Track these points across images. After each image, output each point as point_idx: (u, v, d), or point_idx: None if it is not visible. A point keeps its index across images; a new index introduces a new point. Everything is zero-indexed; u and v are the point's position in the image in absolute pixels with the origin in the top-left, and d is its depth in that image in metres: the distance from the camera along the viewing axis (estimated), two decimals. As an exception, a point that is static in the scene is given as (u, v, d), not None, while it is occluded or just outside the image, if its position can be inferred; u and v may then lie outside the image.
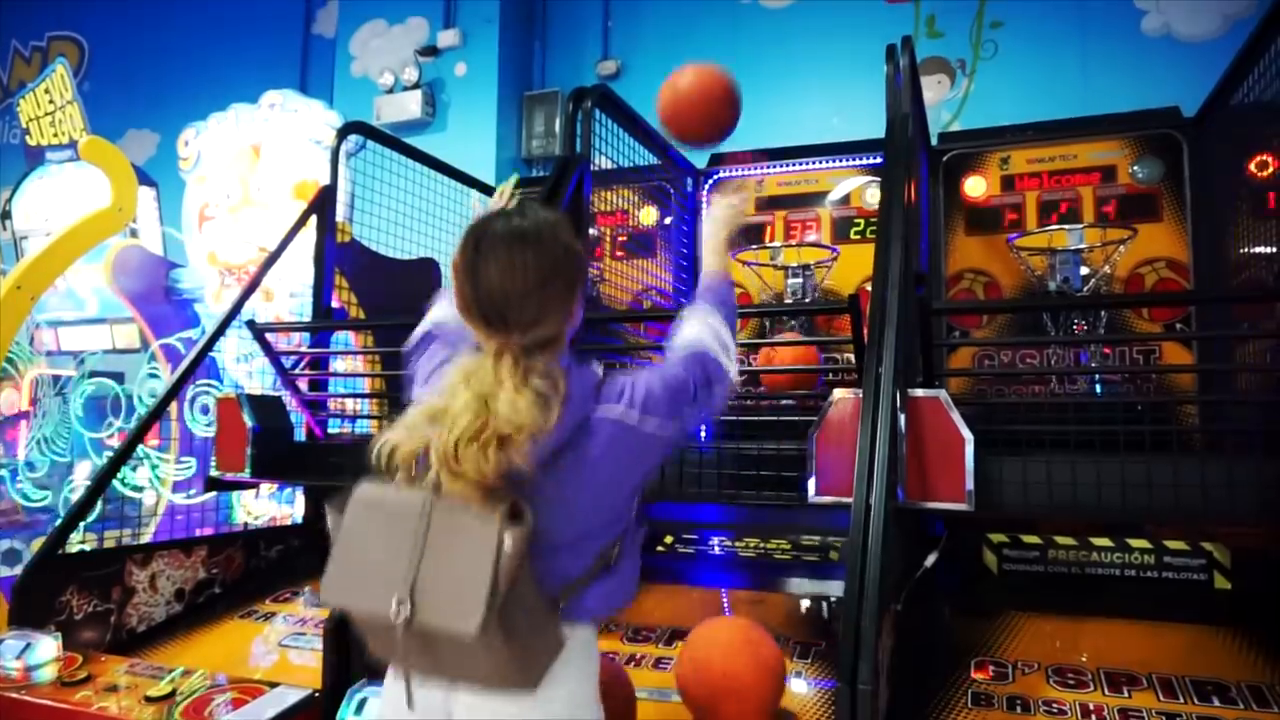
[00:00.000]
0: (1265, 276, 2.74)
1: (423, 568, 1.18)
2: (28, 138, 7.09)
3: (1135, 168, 3.33)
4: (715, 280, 1.62)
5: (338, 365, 3.79)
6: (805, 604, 2.58)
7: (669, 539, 3.16)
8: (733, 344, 1.51)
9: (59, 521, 2.72)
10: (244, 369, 4.65)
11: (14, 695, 2.12)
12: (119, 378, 5.68)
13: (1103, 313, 3.03)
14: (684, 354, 1.46)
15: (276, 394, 3.37)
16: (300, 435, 3.36)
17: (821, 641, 2.35)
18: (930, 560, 2.33)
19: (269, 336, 3.16)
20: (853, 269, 3.61)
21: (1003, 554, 2.73)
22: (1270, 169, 2.84)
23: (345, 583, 1.27)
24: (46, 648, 2.27)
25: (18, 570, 4.01)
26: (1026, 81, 4.29)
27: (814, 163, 3.89)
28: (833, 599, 2.55)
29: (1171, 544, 2.57)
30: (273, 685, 2.11)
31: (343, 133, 3.69)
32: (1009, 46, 4.38)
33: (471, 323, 1.30)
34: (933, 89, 4.41)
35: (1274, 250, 2.71)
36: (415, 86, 5.11)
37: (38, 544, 3.10)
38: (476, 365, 1.27)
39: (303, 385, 3.33)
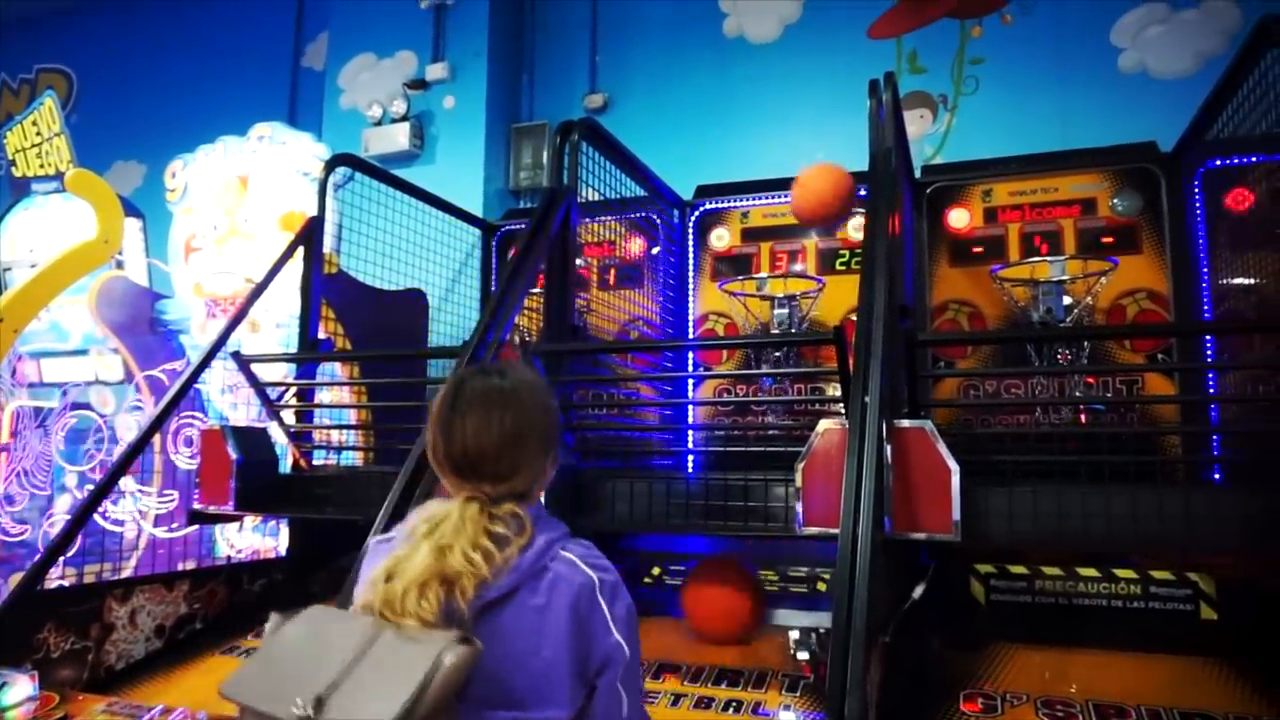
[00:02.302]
0: (1244, 308, 2.78)
1: (346, 680, 1.12)
2: (13, 169, 7.08)
3: (1115, 200, 3.38)
4: None
5: (324, 396, 3.78)
6: (793, 636, 2.56)
7: (656, 570, 3.14)
8: None
9: (37, 557, 2.68)
10: (229, 400, 4.62)
11: (-12, 735, 2.08)
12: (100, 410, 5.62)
13: (1085, 343, 3.07)
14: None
15: (261, 425, 3.35)
16: (285, 467, 3.33)
17: (810, 674, 2.34)
18: (918, 591, 2.32)
19: (255, 368, 3.15)
20: (838, 300, 3.64)
21: (990, 585, 2.74)
22: (1246, 203, 2.90)
23: (254, 680, 1.20)
24: (22, 687, 2.22)
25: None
26: (1007, 116, 4.36)
27: (799, 195, 3.92)
28: (821, 630, 2.53)
29: (1158, 574, 2.58)
30: (254, 723, 2.07)
31: (331, 165, 3.71)
32: (990, 82, 4.46)
33: (443, 474, 1.32)
34: (915, 123, 4.48)
35: (1252, 282, 2.75)
36: (403, 119, 5.14)
37: (16, 579, 3.05)
38: (443, 514, 1.27)
39: (288, 417, 3.32)
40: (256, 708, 1.16)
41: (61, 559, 2.70)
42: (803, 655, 2.43)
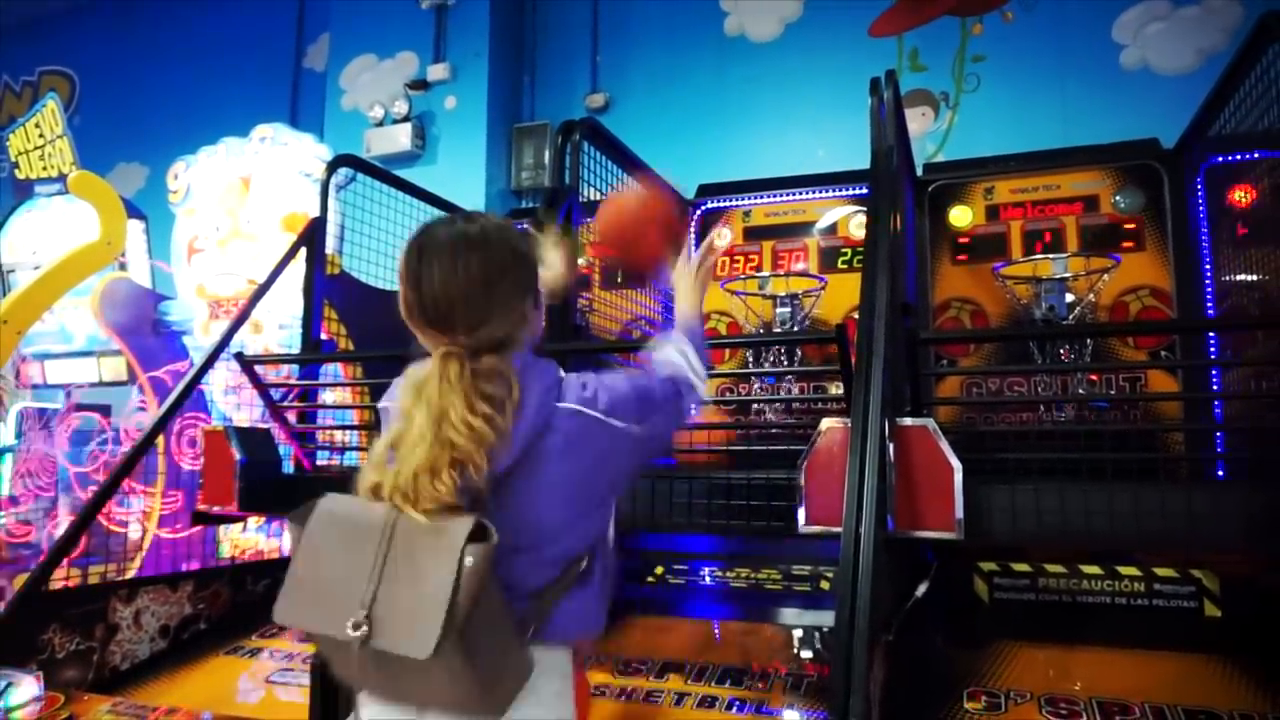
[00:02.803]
0: (1246, 304, 2.78)
1: (382, 588, 1.13)
2: (16, 171, 7.10)
3: (1117, 198, 3.38)
4: (689, 320, 1.63)
5: (326, 397, 3.78)
6: (797, 634, 2.56)
7: (659, 570, 3.14)
8: (700, 364, 1.51)
9: (42, 558, 2.69)
10: (232, 401, 4.63)
11: (-6, 736, 2.09)
12: (105, 410, 5.64)
13: (1088, 341, 3.06)
14: (653, 368, 1.48)
15: (265, 426, 3.35)
16: (289, 467, 3.34)
17: (813, 673, 2.34)
18: (921, 590, 2.32)
19: (258, 368, 3.15)
20: (840, 298, 3.64)
21: (994, 582, 2.73)
22: (1249, 199, 2.90)
23: (300, 601, 1.21)
24: (28, 687, 2.23)
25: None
26: (1008, 114, 4.36)
27: (801, 193, 3.93)
28: (824, 629, 2.53)
29: (1161, 572, 2.57)
30: (259, 723, 2.08)
31: (333, 165, 3.71)
32: (991, 80, 4.46)
33: (416, 328, 1.29)
34: (917, 121, 4.48)
35: (1255, 278, 2.75)
36: (405, 120, 5.15)
37: (20, 581, 3.06)
38: (424, 376, 1.24)
39: (291, 417, 3.32)
40: (314, 630, 1.20)
41: (66, 560, 2.71)
42: (806, 654, 2.43)
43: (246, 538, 4.77)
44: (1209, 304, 3.11)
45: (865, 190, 3.66)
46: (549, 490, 1.25)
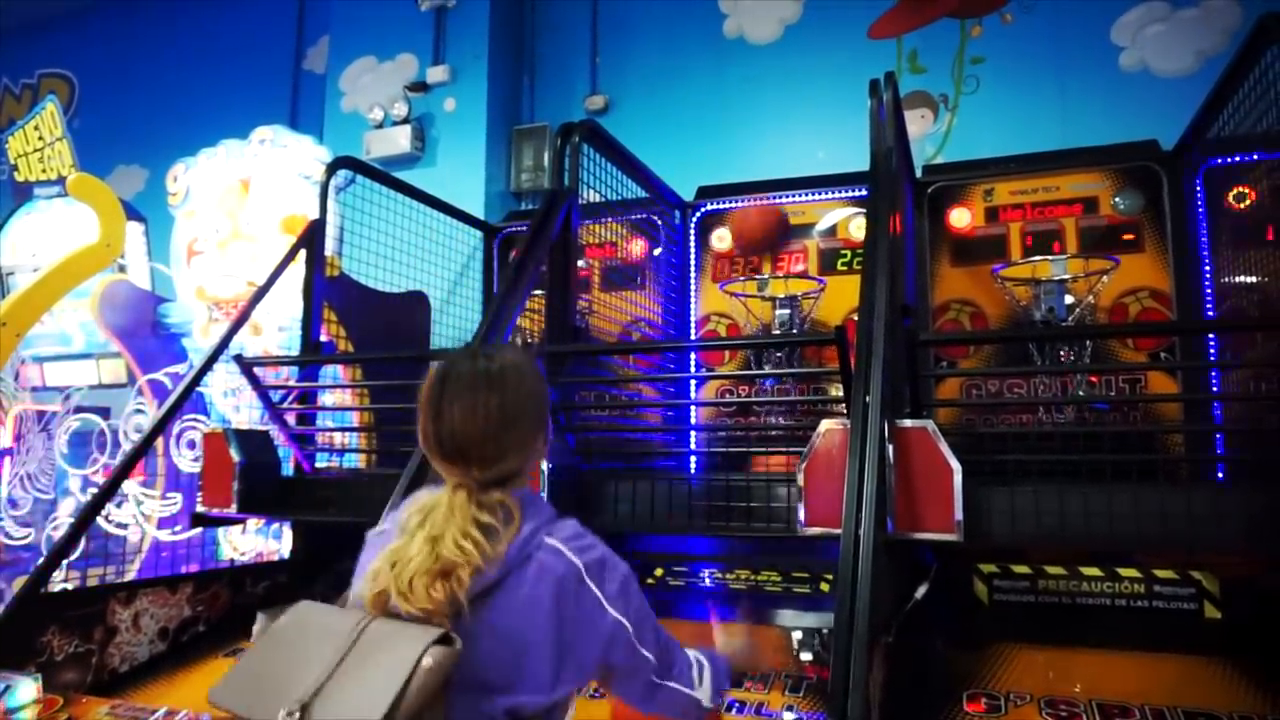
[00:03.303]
0: (1246, 306, 2.78)
1: (330, 683, 1.14)
2: (15, 174, 7.10)
3: (1117, 199, 3.38)
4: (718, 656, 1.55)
5: (326, 399, 3.78)
6: (796, 636, 2.56)
7: (659, 571, 3.14)
8: (709, 680, 1.45)
9: (41, 560, 2.69)
10: (231, 403, 4.63)
11: (-8, 739, 2.08)
12: (104, 413, 5.64)
13: (1087, 342, 3.06)
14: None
15: (264, 428, 3.35)
16: (288, 470, 3.34)
17: (813, 675, 2.34)
18: (921, 591, 2.32)
19: (257, 371, 3.15)
20: (840, 300, 3.64)
21: (993, 584, 2.73)
22: (1248, 200, 2.90)
23: (240, 687, 1.22)
24: (26, 690, 2.23)
25: (-2, 610, 3.94)
26: (1008, 115, 4.36)
27: (800, 195, 3.93)
28: (824, 631, 2.53)
29: (1161, 573, 2.57)
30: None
31: (332, 168, 3.72)
32: (990, 81, 4.46)
33: (433, 459, 1.33)
34: (916, 123, 4.48)
35: (1254, 280, 2.75)
36: (405, 122, 5.15)
37: (19, 583, 3.06)
38: (433, 502, 1.29)
39: (291, 419, 3.32)
40: (245, 716, 1.18)
41: (65, 562, 2.71)
42: (806, 656, 2.43)
43: (246, 539, 4.77)
44: (1208, 305, 3.11)
45: (864, 192, 3.65)
46: (509, 618, 1.24)
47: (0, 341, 4.35)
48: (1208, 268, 3.12)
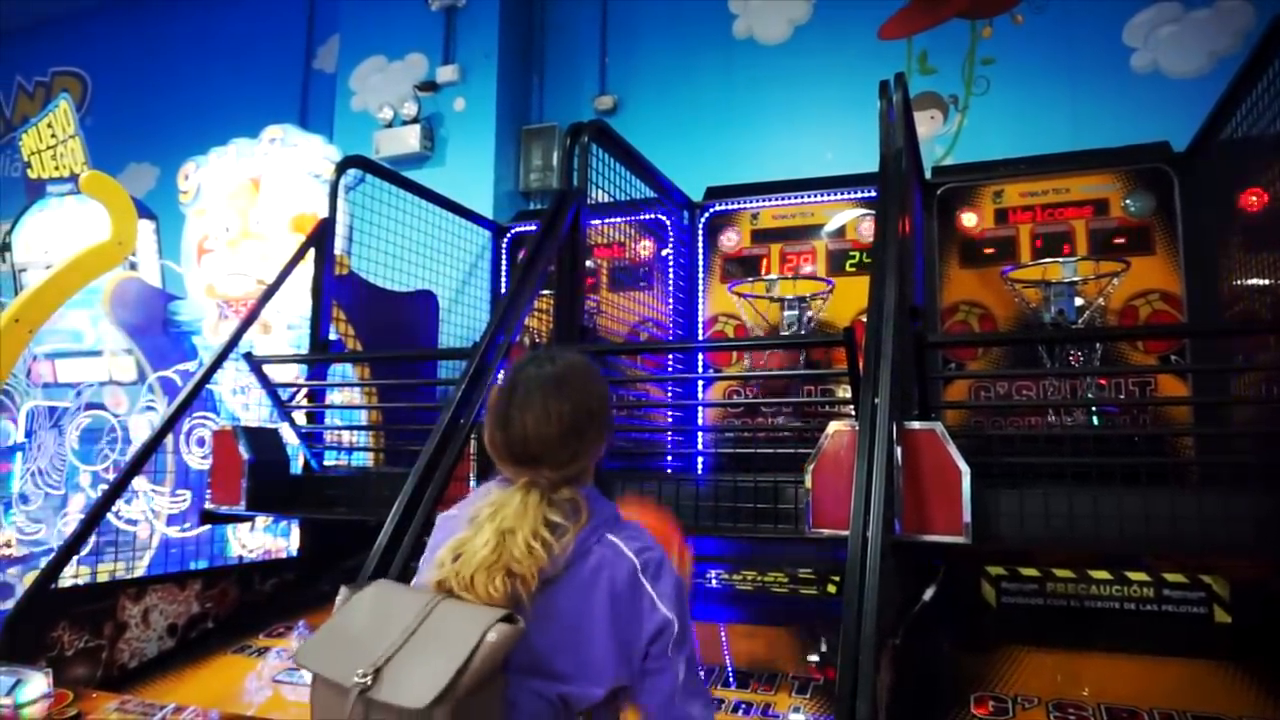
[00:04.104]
0: (1258, 309, 2.76)
1: (401, 652, 1.21)
2: (29, 171, 7.14)
3: (1127, 201, 3.36)
4: None
5: (335, 397, 3.79)
6: (803, 638, 2.56)
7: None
8: None
9: (52, 555, 2.70)
10: (241, 401, 4.64)
11: (2, 733, 2.09)
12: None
13: (1097, 345, 3.05)
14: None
15: (273, 426, 3.36)
16: (296, 467, 3.35)
17: (820, 676, 2.33)
18: (928, 594, 2.31)
19: (266, 369, 3.17)
20: (848, 301, 3.63)
21: (1001, 587, 2.72)
22: (1261, 203, 2.88)
23: (323, 647, 1.30)
24: (36, 684, 2.24)
25: (9, 605, 3.97)
26: (1018, 117, 4.34)
27: (809, 196, 3.93)
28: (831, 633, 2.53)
29: (1170, 577, 2.56)
30: (265, 722, 2.09)
31: (342, 167, 3.73)
32: (1001, 82, 4.45)
33: (502, 465, 1.37)
34: (926, 124, 4.47)
35: (1266, 283, 2.73)
36: (414, 121, 5.16)
37: (30, 578, 3.08)
38: (504, 499, 1.33)
39: (299, 417, 3.33)
40: (324, 675, 1.25)
41: (75, 558, 2.72)
42: (813, 657, 2.42)
43: (255, 537, 4.79)
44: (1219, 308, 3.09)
45: (873, 193, 3.65)
46: (568, 612, 1.30)
47: (13, 338, 4.37)
48: (1219, 270, 3.10)
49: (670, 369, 3.75)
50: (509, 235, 4.53)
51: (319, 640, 1.31)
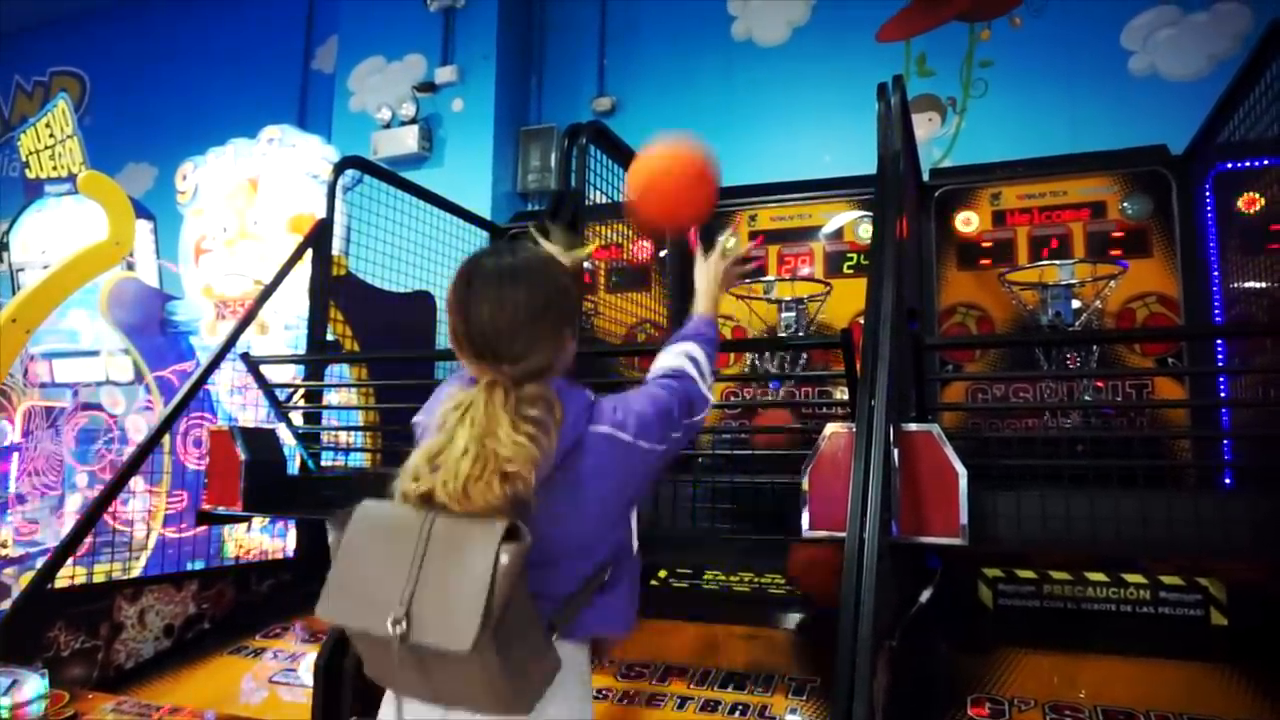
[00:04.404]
0: (1255, 312, 2.76)
1: (419, 586, 1.18)
2: (27, 171, 7.13)
3: (1125, 204, 3.37)
4: (700, 322, 1.69)
5: (332, 398, 3.79)
6: (800, 640, 2.55)
7: (662, 573, 3.13)
8: (710, 372, 1.58)
9: (48, 556, 2.70)
10: (238, 401, 4.64)
11: (-2, 734, 2.09)
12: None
13: (1094, 347, 3.05)
14: (665, 379, 1.54)
15: (270, 427, 3.36)
16: (294, 468, 3.34)
17: (816, 678, 2.33)
18: (925, 595, 2.31)
19: (263, 369, 3.16)
20: (846, 303, 3.63)
21: (998, 589, 2.72)
22: (1258, 206, 2.88)
23: (342, 599, 1.26)
24: (32, 685, 2.24)
25: (5, 605, 3.97)
26: (1016, 119, 4.35)
27: (807, 198, 3.93)
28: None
29: (1167, 579, 2.56)
30: (261, 723, 2.08)
31: (340, 167, 3.72)
32: (999, 85, 4.45)
33: (463, 356, 1.33)
34: (924, 126, 4.47)
35: (1263, 285, 2.73)
36: (412, 122, 5.16)
37: (27, 579, 3.07)
38: (469, 398, 1.29)
39: (297, 418, 3.33)
40: (354, 627, 1.24)
41: (72, 558, 2.72)
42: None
43: (251, 537, 4.78)
44: (1217, 311, 3.09)
45: (871, 195, 3.65)
46: (580, 507, 1.33)
47: (10, 338, 4.37)
48: (1216, 273, 3.11)
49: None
50: (507, 236, 4.53)
51: (332, 591, 1.27)
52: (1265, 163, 2.83)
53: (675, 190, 1.91)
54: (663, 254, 3.87)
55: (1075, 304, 3.09)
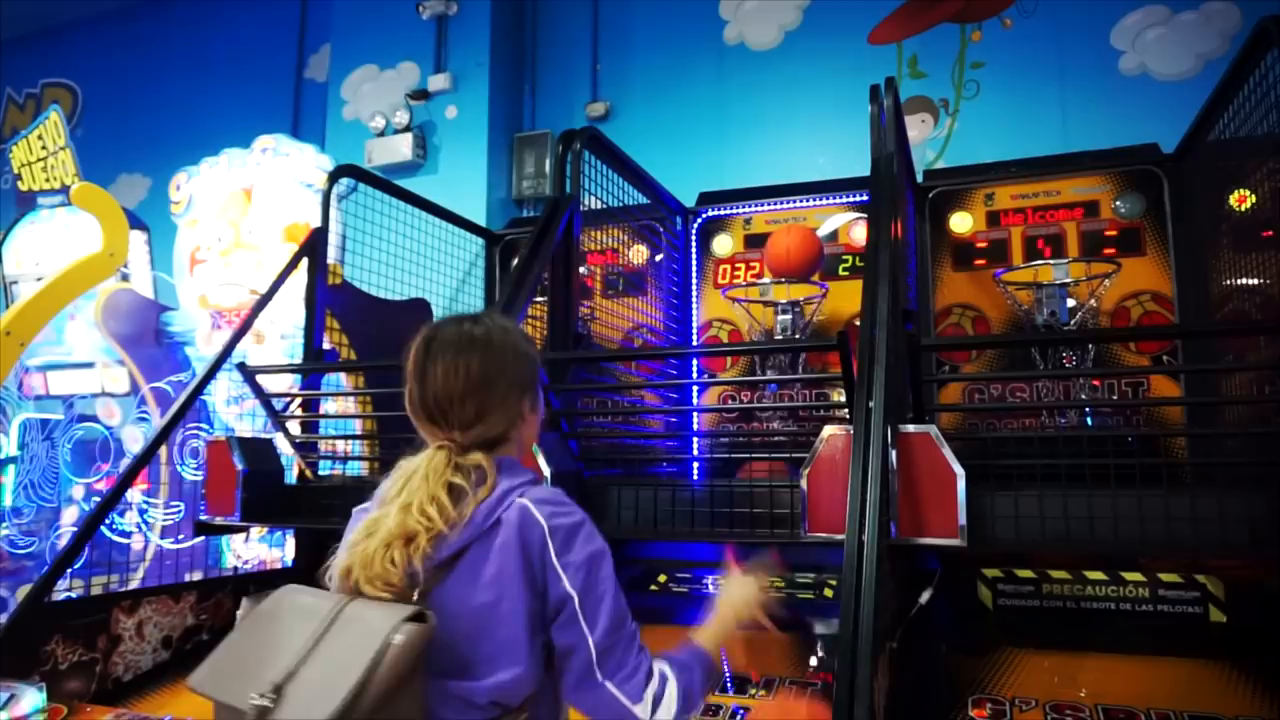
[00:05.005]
0: (1248, 309, 2.77)
1: (305, 665, 1.11)
2: (19, 183, 7.11)
3: (1118, 203, 3.38)
4: (705, 649, 1.40)
5: (329, 407, 3.78)
6: (800, 643, 2.56)
7: (662, 578, 3.13)
8: (692, 703, 1.29)
9: (45, 569, 2.69)
10: (234, 411, 4.63)
11: (-4, 748, 2.08)
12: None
13: (1090, 346, 3.06)
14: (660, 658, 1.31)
15: (267, 436, 3.35)
16: (291, 478, 3.34)
17: (817, 681, 2.33)
18: (925, 597, 2.32)
19: (260, 379, 3.16)
20: (842, 305, 3.64)
21: (997, 589, 2.73)
22: (1249, 203, 2.89)
23: (217, 671, 1.21)
24: (30, 699, 2.22)
25: (2, 619, 3.95)
26: (1008, 120, 4.36)
27: (802, 200, 3.94)
28: (828, 637, 2.53)
29: (1165, 577, 2.56)
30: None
31: (334, 176, 3.72)
32: (990, 86, 4.47)
33: (417, 421, 1.33)
34: (917, 127, 4.49)
35: (1256, 283, 2.74)
36: (406, 129, 5.16)
37: (24, 592, 3.06)
38: (412, 467, 1.28)
39: (294, 427, 3.32)
40: (220, 699, 1.16)
41: (69, 571, 2.71)
42: (810, 662, 2.42)
43: (249, 548, 4.76)
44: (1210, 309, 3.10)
45: (866, 197, 3.66)
46: (477, 591, 1.20)
47: (4, 351, 4.35)
48: (1209, 271, 3.12)
49: (665, 375, 3.76)
50: (502, 243, 4.53)
51: (215, 661, 1.21)
52: (1256, 160, 2.84)
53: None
54: (659, 258, 3.88)
55: (1070, 303, 3.09)
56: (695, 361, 3.90)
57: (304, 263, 3.48)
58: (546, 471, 2.46)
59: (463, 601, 1.19)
